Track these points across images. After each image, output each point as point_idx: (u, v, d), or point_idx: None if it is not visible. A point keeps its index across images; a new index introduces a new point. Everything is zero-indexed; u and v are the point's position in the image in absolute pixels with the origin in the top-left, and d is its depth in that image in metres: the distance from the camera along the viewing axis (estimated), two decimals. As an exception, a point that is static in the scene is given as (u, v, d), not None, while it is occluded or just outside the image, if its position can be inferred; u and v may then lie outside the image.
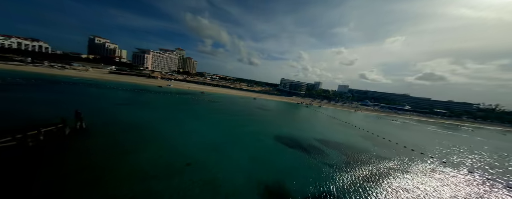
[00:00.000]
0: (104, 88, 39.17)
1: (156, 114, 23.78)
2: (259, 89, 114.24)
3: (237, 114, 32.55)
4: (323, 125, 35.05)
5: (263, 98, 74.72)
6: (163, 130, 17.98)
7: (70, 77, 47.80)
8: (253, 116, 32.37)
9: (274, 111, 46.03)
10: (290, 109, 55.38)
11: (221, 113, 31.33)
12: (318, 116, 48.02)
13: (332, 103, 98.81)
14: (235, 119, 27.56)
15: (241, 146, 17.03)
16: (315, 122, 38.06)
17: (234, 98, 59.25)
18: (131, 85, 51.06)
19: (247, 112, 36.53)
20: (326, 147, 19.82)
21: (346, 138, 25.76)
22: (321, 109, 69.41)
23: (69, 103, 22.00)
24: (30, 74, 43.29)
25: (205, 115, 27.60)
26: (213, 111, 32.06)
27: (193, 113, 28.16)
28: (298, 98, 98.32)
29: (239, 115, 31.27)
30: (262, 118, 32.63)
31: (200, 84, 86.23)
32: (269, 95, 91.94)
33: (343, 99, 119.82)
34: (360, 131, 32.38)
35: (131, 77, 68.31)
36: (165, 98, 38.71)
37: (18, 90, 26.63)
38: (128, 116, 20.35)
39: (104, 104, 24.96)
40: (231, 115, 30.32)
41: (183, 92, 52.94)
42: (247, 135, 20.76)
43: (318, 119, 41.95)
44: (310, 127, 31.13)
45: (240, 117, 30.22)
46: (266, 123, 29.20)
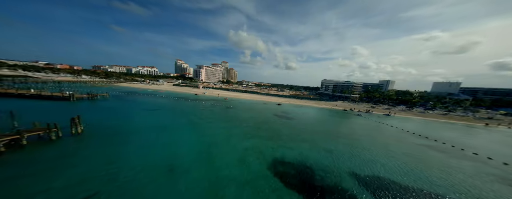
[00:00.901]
0: (156, 97, 50.91)
1: (157, 120, 25.13)
2: (290, 94, 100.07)
3: (240, 124, 27.42)
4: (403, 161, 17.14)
5: (292, 104, 62.06)
6: (138, 139, 17.33)
7: (147, 90, 69.31)
8: (259, 129, 25.40)
9: (297, 120, 34.62)
10: (326, 119, 39.63)
11: (222, 121, 28.04)
12: (385, 133, 29.41)
13: (418, 111, 60.16)
14: (227, 132, 22.71)
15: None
16: (375, 146, 21.92)
17: (254, 104, 54.51)
18: (177, 94, 63.70)
19: (258, 121, 30.08)
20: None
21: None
22: (390, 119, 43.64)
23: (106, 110, 29.92)
24: (132, 89, 67.51)
25: (201, 124, 25.32)
26: (216, 119, 29.41)
27: (192, 121, 27.08)
28: (346, 104, 71.50)
29: (240, 127, 25.92)
30: (268, 132, 24.59)
31: (231, 91, 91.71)
32: (302, 100, 75.68)
33: (449, 105, 69.28)
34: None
35: (184, 87, 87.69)
36: (187, 105, 42.28)
37: (100, 100, 39.72)
38: (131, 122, 22.88)
39: (135, 109, 31.02)
40: (230, 126, 25.81)
41: (210, 99, 56.76)
42: (225, 157, 15.06)
43: (386, 142, 24.22)
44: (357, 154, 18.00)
45: (241, 129, 24.76)
46: (268, 138, 21.15)
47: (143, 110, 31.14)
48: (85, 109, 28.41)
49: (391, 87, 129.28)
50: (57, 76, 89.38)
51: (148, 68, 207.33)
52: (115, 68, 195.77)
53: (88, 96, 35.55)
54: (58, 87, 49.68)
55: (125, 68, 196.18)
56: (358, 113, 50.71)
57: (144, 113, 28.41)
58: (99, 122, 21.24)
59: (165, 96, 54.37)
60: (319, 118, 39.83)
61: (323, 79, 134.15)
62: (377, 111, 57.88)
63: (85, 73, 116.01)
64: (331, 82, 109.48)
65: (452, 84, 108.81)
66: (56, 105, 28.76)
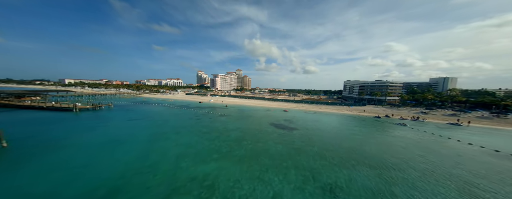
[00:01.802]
0: (159, 106, 52.30)
1: (123, 132, 22.62)
2: (302, 98, 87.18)
3: (217, 137, 21.81)
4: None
5: (302, 110, 51.59)
6: (60, 157, 14.30)
7: (159, 99, 73.87)
8: (237, 146, 19.05)
9: (300, 132, 25.56)
10: (347, 130, 28.10)
11: (199, 132, 23.07)
12: (463, 159, 16.84)
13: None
14: (188, 149, 17.41)
15: None
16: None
17: (255, 111, 47.83)
18: (182, 102, 64.66)
19: (244, 133, 23.66)
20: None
21: None
22: (461, 132, 27.33)
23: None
24: (147, 99, 73.36)
25: (168, 137, 21.08)
26: (194, 130, 24.81)
27: (162, 132, 23.44)
28: (380, 109, 54.00)
29: (214, 141, 20.31)
30: (247, 151, 17.63)
31: (239, 97, 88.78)
32: (317, 106, 63.05)
33: None
34: None
35: (194, 96, 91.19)
36: (180, 113, 40.03)
37: (104, 110, 42.47)
38: (87, 135, 21.04)
39: (118, 120, 30.51)
40: (202, 139, 20.59)
41: (210, 106, 54.29)
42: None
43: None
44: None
45: (213, 144, 19.13)
46: (239, 161, 14.24)
47: (127, 120, 29.88)
48: (69, 119, 28.75)
49: (452, 85, 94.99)
50: (101, 90, 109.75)
51: (174, 80, 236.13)
52: (151, 82, 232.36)
53: (93, 106, 37.72)
54: (80, 99, 54.33)
55: (157, 81, 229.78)
56: (400, 121, 35.14)
57: (121, 124, 26.62)
58: (47, 135, 19.69)
59: (169, 104, 54.96)
60: (335, 128, 29.01)
61: (345, 80, 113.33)
62: (433, 118, 39.44)
63: (126, 87, 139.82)
64: (357, 82, 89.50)
65: None
66: (53, 116, 30.67)
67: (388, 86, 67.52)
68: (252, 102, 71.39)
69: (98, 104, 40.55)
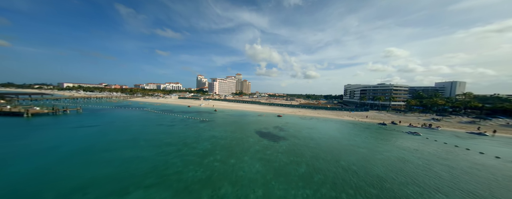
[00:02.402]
0: (140, 110, 48.65)
1: (61, 141, 18.64)
2: (300, 103, 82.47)
3: (177, 150, 17.31)
4: None
5: (298, 115, 46.72)
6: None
7: (146, 103, 70.19)
8: (196, 164, 14.51)
9: (288, 142, 20.73)
10: (347, 139, 22.84)
11: (161, 144, 18.50)
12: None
13: None
14: (116, 172, 12.87)
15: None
16: None
17: (244, 116, 43.22)
18: (169, 106, 60.78)
19: (217, 144, 19.08)
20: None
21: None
22: (487, 143, 21.70)
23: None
24: (134, 102, 69.53)
25: (127, 146, 16.84)
26: (154, 140, 20.44)
27: (125, 141, 19.35)
28: (384, 114, 48.59)
29: (168, 155, 15.83)
30: (206, 171, 12.99)
31: (233, 102, 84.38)
32: (315, 110, 58.00)
33: None
34: None
35: (186, 100, 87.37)
36: (158, 117, 36.08)
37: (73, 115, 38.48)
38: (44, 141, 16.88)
39: (68, 128, 26.65)
40: (154, 154, 16.09)
41: (197, 111, 50.31)
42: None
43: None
44: None
45: (162, 160, 14.60)
46: (178, 190, 9.18)
47: (76, 127, 24.94)
48: (7, 126, 24.42)
49: (461, 90, 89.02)
50: (92, 94, 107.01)
51: (173, 84, 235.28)
52: (150, 86, 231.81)
53: (54, 111, 33.44)
54: (55, 103, 49.09)
55: (156, 85, 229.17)
56: (411, 130, 29.66)
57: (62, 133, 21.95)
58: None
59: (152, 109, 50.96)
60: (332, 138, 23.93)
61: (346, 84, 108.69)
62: (448, 126, 33.77)
63: (121, 91, 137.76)
64: (358, 86, 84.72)
65: None
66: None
67: (392, 90, 62.28)
68: (246, 106, 66.88)
69: (63, 108, 36.36)
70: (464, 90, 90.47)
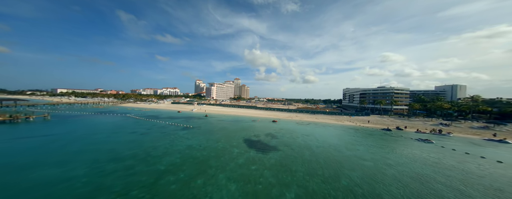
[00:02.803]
0: (122, 116, 45.04)
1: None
2: (297, 107, 79.22)
3: (137, 166, 13.91)
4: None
5: (295, 120, 43.26)
6: None
7: (134, 108, 66.58)
8: (145, 192, 10.94)
9: (279, 154, 17.23)
10: (350, 149, 19.15)
11: (113, 158, 14.94)
12: None
13: None
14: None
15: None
16: None
17: (237, 122, 39.68)
18: (157, 111, 57.35)
19: (188, 156, 15.51)
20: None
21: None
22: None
23: None
24: (122, 108, 65.91)
25: (56, 163, 13.24)
26: (118, 149, 17.00)
27: (68, 154, 15.89)
28: (387, 119, 45.16)
29: (122, 171, 12.42)
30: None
31: (229, 107, 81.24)
32: (313, 115, 54.56)
33: None
34: None
35: (179, 105, 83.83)
36: (137, 124, 32.84)
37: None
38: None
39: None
40: (106, 170, 12.65)
41: (186, 116, 47.00)
42: None
43: None
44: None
45: (111, 179, 11.15)
46: None
47: (23, 137, 21.74)
48: None
49: (462, 94, 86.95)
50: (80, 99, 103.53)
51: (170, 89, 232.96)
52: (147, 91, 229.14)
53: (11, 118, 29.61)
54: (25, 109, 45.32)
55: (153, 90, 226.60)
56: (421, 136, 26.07)
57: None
58: None
59: (136, 114, 47.35)
60: (332, 147, 20.37)
61: (344, 88, 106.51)
62: (459, 132, 30.25)
63: (113, 96, 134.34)
64: (357, 90, 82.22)
65: None
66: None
67: (394, 93, 59.47)
68: (241, 111, 63.36)
69: (25, 115, 32.57)
70: (465, 93, 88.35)
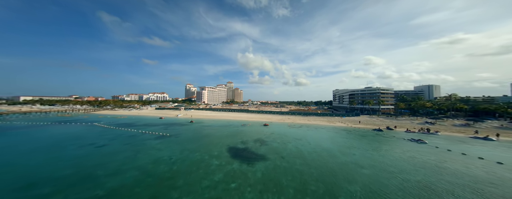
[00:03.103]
0: (86, 125, 39.18)
1: None
2: (290, 109, 78.32)
3: (64, 190, 9.85)
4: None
5: (287, 123, 41.56)
6: None
7: (107, 115, 59.87)
8: None
9: (268, 163, 14.36)
10: (346, 154, 17.12)
11: (26, 184, 10.85)
12: None
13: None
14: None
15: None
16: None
17: (225, 127, 36.35)
18: (135, 118, 51.65)
19: (147, 176, 11.74)
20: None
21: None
22: (507, 150, 17.50)
23: None
24: (91, 116, 59.09)
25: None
26: (49, 170, 12.86)
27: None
28: (376, 119, 45.32)
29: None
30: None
31: (219, 111, 77.23)
32: (305, 117, 53.34)
33: None
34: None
35: (164, 110, 77.51)
36: (100, 134, 28.04)
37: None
38: None
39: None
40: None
41: (168, 123, 42.49)
42: None
43: None
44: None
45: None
46: None
47: None
48: None
49: (437, 93, 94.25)
50: (43, 108, 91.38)
51: (158, 94, 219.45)
52: (131, 97, 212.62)
53: None
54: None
55: (138, 95, 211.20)
56: (413, 136, 25.28)
57: None
58: None
59: (107, 123, 41.55)
60: (326, 152, 18.30)
61: (334, 90, 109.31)
62: (445, 130, 30.54)
63: (87, 103, 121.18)
64: (346, 91, 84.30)
65: None
66: None
67: (381, 93, 61.29)
68: (231, 115, 59.78)
69: None
70: (440, 93, 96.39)
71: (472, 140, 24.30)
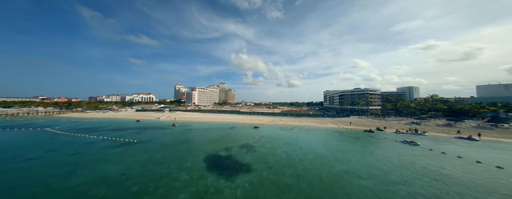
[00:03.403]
0: (39, 131, 33.82)
1: None
2: (282, 111, 77.16)
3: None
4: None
5: (278, 125, 39.24)
6: None
7: (72, 118, 52.89)
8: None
9: (253, 173, 11.49)
10: (343, 161, 15.15)
11: None
12: None
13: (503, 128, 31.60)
14: None
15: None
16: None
17: (209, 130, 32.89)
18: (107, 121, 45.93)
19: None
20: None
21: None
22: (495, 150, 17.52)
23: None
24: (52, 119, 52.07)
25: None
26: None
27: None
28: (366, 120, 45.49)
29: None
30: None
31: (208, 112, 72.87)
32: (298, 118, 51.92)
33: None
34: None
35: (144, 113, 70.13)
36: (50, 142, 23.25)
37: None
38: None
39: None
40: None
41: (147, 127, 37.84)
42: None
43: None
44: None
45: None
46: None
47: None
48: None
49: (416, 94, 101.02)
50: (7, 110, 78.47)
51: (143, 95, 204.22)
52: (112, 98, 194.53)
53: None
54: None
55: (120, 96, 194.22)
56: (406, 138, 24.55)
57: None
58: None
59: (69, 127, 36.17)
60: (319, 159, 16.27)
61: (325, 91, 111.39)
62: (430, 130, 31.00)
63: (53, 105, 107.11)
64: (336, 92, 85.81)
65: (510, 86, 78.91)
66: None
67: (369, 94, 62.73)
68: (221, 117, 56.03)
69: None
70: (419, 94, 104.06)
71: (458, 141, 24.35)
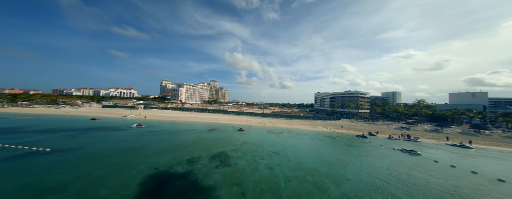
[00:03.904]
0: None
1: None
2: (272, 111, 73.59)
3: None
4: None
5: (267, 127, 35.13)
6: None
7: (4, 113, 42.61)
8: None
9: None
10: (332, 192, 11.25)
11: None
12: None
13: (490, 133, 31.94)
14: None
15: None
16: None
17: (179, 133, 27.35)
18: (45, 119, 37.62)
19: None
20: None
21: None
22: (496, 160, 15.17)
23: None
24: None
25: None
26: None
27: None
28: (357, 123, 43.72)
29: None
30: None
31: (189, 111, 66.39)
32: (288, 120, 48.69)
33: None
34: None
35: (112, 109, 60.93)
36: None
37: None
38: None
39: None
40: None
41: (94, 127, 31.31)
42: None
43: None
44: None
45: None
46: None
47: None
48: None
49: (399, 99, 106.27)
50: None
51: (122, 90, 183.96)
52: (83, 91, 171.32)
53: None
54: None
55: (93, 90, 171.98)
56: (406, 147, 21.80)
57: None
58: None
59: (37, 123, 26.17)
60: (309, 174, 12.19)
61: (316, 92, 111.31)
62: (420, 136, 29.82)
63: (10, 96, 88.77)
64: (327, 94, 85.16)
65: (477, 94, 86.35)
66: None
67: (359, 97, 62.13)
68: (203, 116, 49.85)
69: None
70: (401, 99, 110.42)
71: (452, 148, 22.78)
